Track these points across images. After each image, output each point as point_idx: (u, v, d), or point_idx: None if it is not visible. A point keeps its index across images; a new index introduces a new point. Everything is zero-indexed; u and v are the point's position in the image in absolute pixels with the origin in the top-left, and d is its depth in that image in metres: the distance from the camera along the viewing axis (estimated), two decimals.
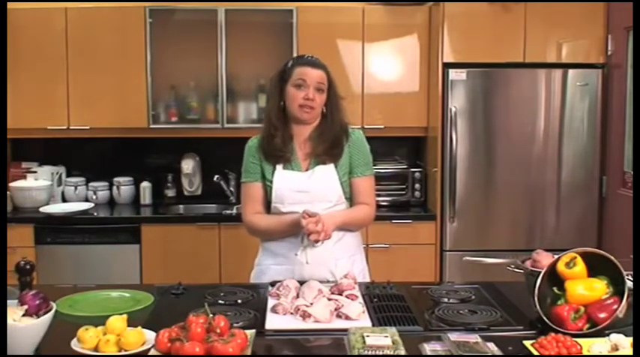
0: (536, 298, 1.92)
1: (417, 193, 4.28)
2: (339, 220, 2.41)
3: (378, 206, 2.60)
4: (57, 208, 4.17)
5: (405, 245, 4.01)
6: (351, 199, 2.52)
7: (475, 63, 3.95)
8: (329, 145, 2.45)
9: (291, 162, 2.47)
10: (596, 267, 1.94)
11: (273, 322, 1.96)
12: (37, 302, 1.74)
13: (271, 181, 2.46)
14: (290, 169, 2.46)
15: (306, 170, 2.47)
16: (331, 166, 2.46)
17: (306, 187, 2.43)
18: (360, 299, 2.12)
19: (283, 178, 2.45)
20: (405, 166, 4.33)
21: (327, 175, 2.45)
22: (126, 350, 1.68)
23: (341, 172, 2.46)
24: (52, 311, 1.75)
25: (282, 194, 2.44)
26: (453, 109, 3.94)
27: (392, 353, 1.64)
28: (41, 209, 4.07)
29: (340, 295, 2.13)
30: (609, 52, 3.93)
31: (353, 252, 2.53)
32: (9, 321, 1.65)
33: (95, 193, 4.40)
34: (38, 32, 4.14)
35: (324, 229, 2.26)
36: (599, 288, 1.89)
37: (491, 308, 2.05)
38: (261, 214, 2.51)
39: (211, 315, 1.70)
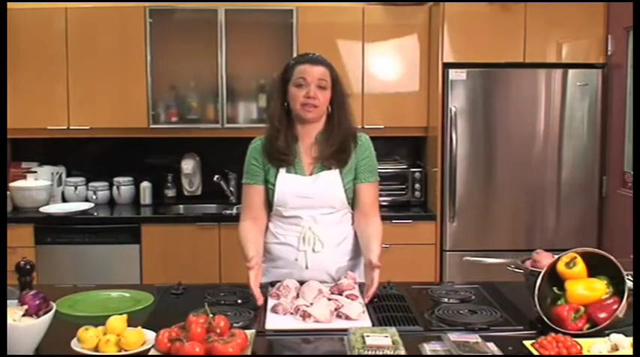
0: (536, 298, 1.92)
1: (417, 193, 4.28)
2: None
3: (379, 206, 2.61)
4: (57, 208, 4.17)
5: (405, 245, 4.00)
6: (353, 204, 2.49)
7: (475, 63, 3.95)
8: (336, 149, 2.40)
9: (294, 165, 2.42)
10: (596, 267, 1.94)
11: (273, 322, 1.96)
12: (37, 302, 1.74)
13: (274, 185, 2.42)
14: (293, 173, 2.42)
15: (310, 174, 2.43)
16: (336, 171, 2.41)
17: (309, 193, 2.39)
18: (360, 299, 2.12)
19: (286, 182, 2.41)
20: (405, 166, 4.33)
21: (331, 181, 2.41)
22: (126, 350, 1.68)
23: (346, 178, 2.42)
24: (52, 311, 1.75)
25: (284, 198, 2.41)
26: (453, 109, 3.94)
27: (392, 353, 1.64)
28: (41, 209, 4.07)
29: (340, 295, 2.13)
30: (609, 52, 3.93)
31: (352, 256, 2.51)
32: (9, 321, 1.65)
33: (95, 193, 4.40)
34: (38, 32, 4.14)
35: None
36: (599, 288, 1.89)
37: (491, 308, 2.06)
38: (254, 222, 2.45)
39: (211, 315, 1.70)
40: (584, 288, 1.89)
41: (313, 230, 2.42)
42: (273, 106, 2.49)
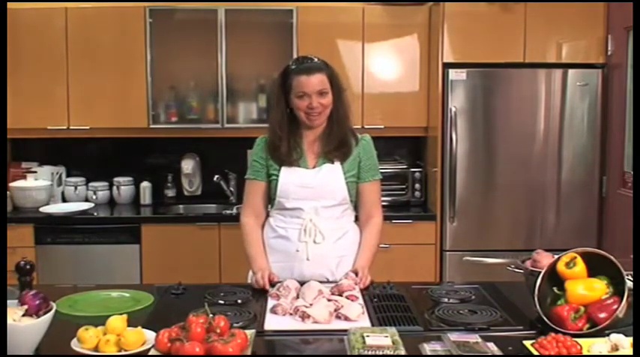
0: (536, 298, 1.92)
1: (417, 193, 4.28)
2: (370, 261, 2.48)
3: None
4: (57, 208, 4.17)
5: (405, 245, 4.01)
6: (356, 204, 2.55)
7: (475, 63, 3.95)
8: (337, 144, 2.48)
9: (298, 160, 2.48)
10: (596, 267, 1.94)
11: (273, 322, 1.96)
12: (37, 302, 1.74)
13: (277, 176, 2.47)
14: (297, 166, 2.48)
15: (313, 168, 2.49)
16: (338, 165, 2.47)
17: (312, 183, 2.45)
18: (361, 300, 2.12)
19: (289, 173, 2.47)
20: (405, 166, 4.33)
21: (333, 174, 2.47)
22: (126, 350, 1.68)
23: (347, 173, 2.48)
24: (52, 311, 1.75)
25: (287, 189, 2.46)
26: (453, 109, 3.94)
27: (392, 353, 1.64)
28: (41, 209, 4.07)
29: (340, 295, 2.13)
30: (609, 52, 3.93)
31: (354, 250, 2.53)
32: (9, 321, 1.65)
33: (95, 193, 4.40)
34: (38, 32, 4.14)
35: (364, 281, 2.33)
36: (599, 288, 1.89)
37: (491, 308, 2.06)
38: (257, 221, 2.55)
39: (211, 315, 1.70)
40: (584, 288, 1.89)
41: (314, 222, 2.46)
42: (274, 113, 2.54)
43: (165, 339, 1.65)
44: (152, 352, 1.67)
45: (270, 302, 2.12)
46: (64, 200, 4.43)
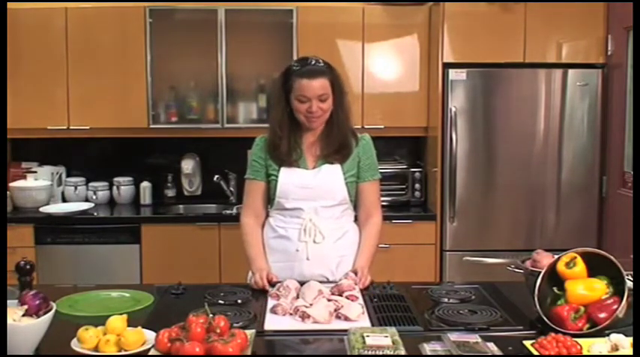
0: (536, 298, 1.92)
1: (417, 193, 4.28)
2: (369, 262, 2.48)
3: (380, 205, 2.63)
4: (57, 208, 4.17)
5: (405, 245, 4.01)
6: (356, 204, 2.55)
7: (475, 63, 3.95)
8: (337, 147, 2.47)
9: (298, 161, 2.48)
10: (596, 267, 1.94)
11: (272, 322, 1.96)
12: (37, 302, 1.74)
13: (277, 177, 2.47)
14: (296, 167, 2.48)
15: (313, 168, 2.48)
16: (338, 166, 2.47)
17: (311, 184, 2.45)
18: (361, 300, 2.12)
19: (289, 174, 2.47)
20: (405, 166, 4.33)
21: (332, 174, 2.47)
22: (126, 350, 1.68)
23: (347, 173, 2.48)
24: (52, 311, 1.75)
25: (286, 189, 2.46)
26: (453, 109, 3.94)
27: (392, 353, 1.64)
28: (41, 209, 4.07)
29: (340, 295, 2.13)
30: (609, 52, 3.93)
31: (354, 250, 2.54)
32: (9, 321, 1.65)
33: (95, 193, 4.40)
34: (38, 32, 4.14)
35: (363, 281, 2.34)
36: (599, 288, 1.89)
37: (491, 308, 2.06)
38: (257, 221, 2.55)
39: (211, 315, 1.70)
40: (584, 288, 1.89)
41: (314, 222, 2.46)
42: (274, 113, 2.53)
43: (165, 339, 1.65)
44: (152, 352, 1.67)
45: (270, 302, 2.12)
46: (64, 200, 4.43)
